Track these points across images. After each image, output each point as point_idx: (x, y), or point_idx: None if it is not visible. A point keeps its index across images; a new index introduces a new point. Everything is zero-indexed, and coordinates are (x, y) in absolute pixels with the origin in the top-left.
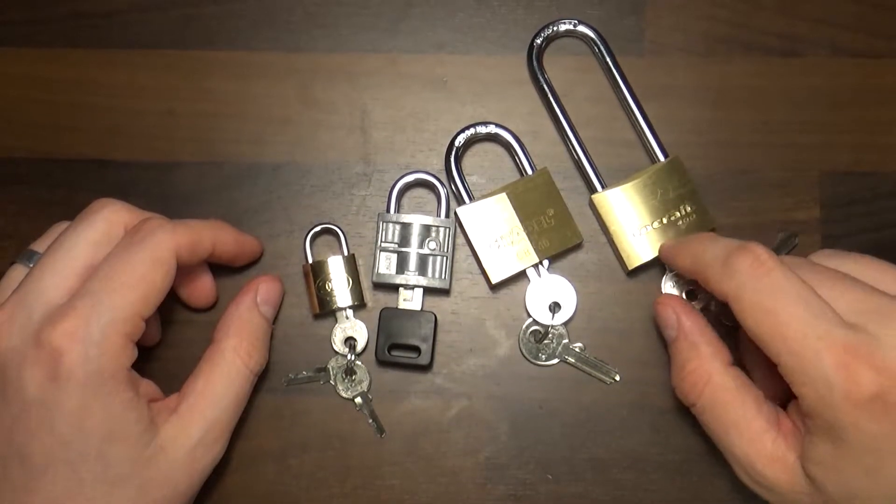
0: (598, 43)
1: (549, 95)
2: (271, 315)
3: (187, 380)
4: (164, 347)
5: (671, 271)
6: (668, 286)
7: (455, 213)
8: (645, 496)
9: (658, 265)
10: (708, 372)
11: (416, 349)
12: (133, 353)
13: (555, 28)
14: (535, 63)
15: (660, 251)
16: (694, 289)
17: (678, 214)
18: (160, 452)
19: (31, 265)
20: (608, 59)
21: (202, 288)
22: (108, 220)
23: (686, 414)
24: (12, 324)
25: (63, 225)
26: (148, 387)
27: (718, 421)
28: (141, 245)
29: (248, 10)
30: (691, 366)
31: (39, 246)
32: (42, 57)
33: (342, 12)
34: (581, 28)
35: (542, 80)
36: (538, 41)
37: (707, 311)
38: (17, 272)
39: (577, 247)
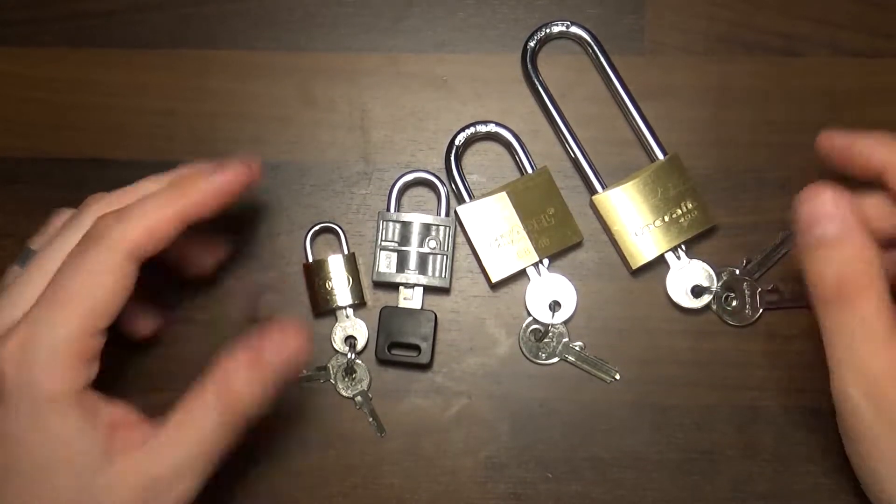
0: (592, 44)
1: (545, 97)
2: (279, 371)
3: (171, 408)
4: (165, 346)
5: (678, 266)
6: (672, 284)
7: (455, 212)
8: (645, 495)
9: (660, 264)
10: (873, 277)
11: (417, 348)
12: (88, 373)
13: (547, 30)
14: (529, 66)
15: (821, 142)
16: (698, 286)
17: (679, 212)
18: (115, 483)
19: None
20: (603, 60)
21: (138, 320)
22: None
23: (686, 412)
24: None
25: (65, 214)
26: (115, 411)
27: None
28: (87, 254)
29: (248, 10)
30: (860, 265)
31: (37, 243)
32: (42, 57)
33: (342, 12)
34: (574, 29)
35: (536, 82)
36: (531, 44)
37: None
38: (13, 276)
39: (578, 245)
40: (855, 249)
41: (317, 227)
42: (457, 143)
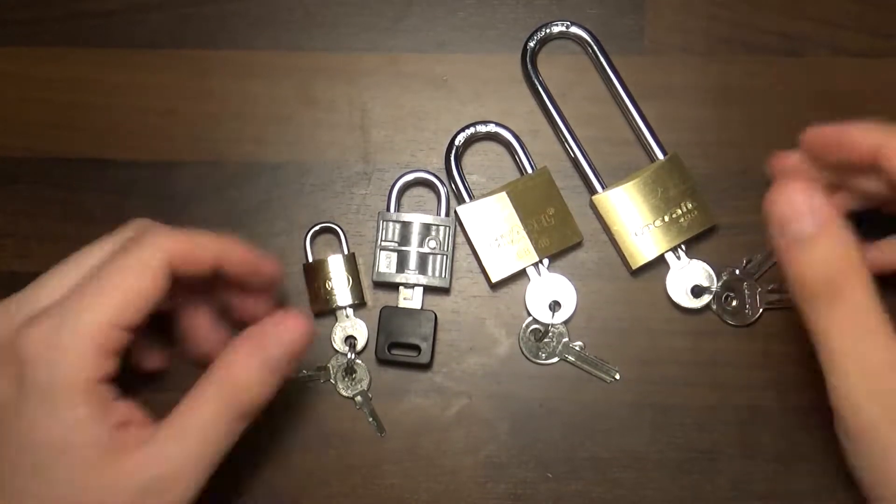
0: (592, 44)
1: (545, 97)
2: (283, 363)
3: (174, 408)
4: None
5: (678, 266)
6: (672, 284)
7: (455, 212)
8: (645, 495)
9: (660, 264)
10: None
11: (417, 348)
12: (108, 367)
13: (548, 30)
14: (529, 66)
15: (810, 136)
16: (698, 286)
17: (679, 212)
18: (109, 487)
19: None
20: (602, 60)
21: (201, 335)
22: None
23: (686, 412)
24: None
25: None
26: (126, 409)
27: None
28: (128, 251)
29: (248, 10)
30: (844, 258)
31: None
32: (42, 57)
33: (342, 12)
34: (574, 29)
35: (536, 82)
36: (531, 44)
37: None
38: None
39: (577, 245)
40: (836, 242)
41: (317, 227)
42: (457, 143)
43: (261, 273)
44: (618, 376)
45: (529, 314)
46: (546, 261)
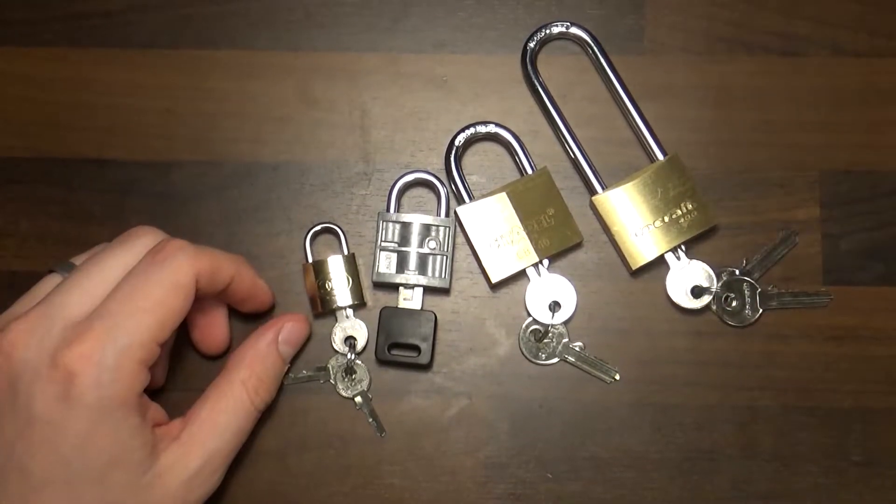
0: (592, 44)
1: (545, 98)
2: (289, 356)
3: (193, 405)
4: (172, 359)
5: (678, 266)
6: (672, 284)
7: (455, 213)
8: (645, 495)
9: (660, 264)
10: None
11: (416, 348)
12: (146, 379)
13: (547, 31)
14: (529, 66)
15: None
16: (698, 286)
17: (679, 212)
18: (157, 480)
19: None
20: (602, 60)
21: (216, 332)
22: (147, 247)
23: (686, 412)
24: (31, 336)
25: (106, 244)
26: (156, 412)
27: None
28: (161, 267)
29: (248, 10)
30: None
31: (80, 261)
32: (41, 56)
33: (342, 12)
34: (574, 30)
35: (536, 83)
36: (531, 44)
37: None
38: (52, 282)
39: (577, 246)
40: None
41: (317, 228)
42: (457, 143)
43: (258, 298)
44: (618, 376)
45: (529, 314)
46: (546, 261)
